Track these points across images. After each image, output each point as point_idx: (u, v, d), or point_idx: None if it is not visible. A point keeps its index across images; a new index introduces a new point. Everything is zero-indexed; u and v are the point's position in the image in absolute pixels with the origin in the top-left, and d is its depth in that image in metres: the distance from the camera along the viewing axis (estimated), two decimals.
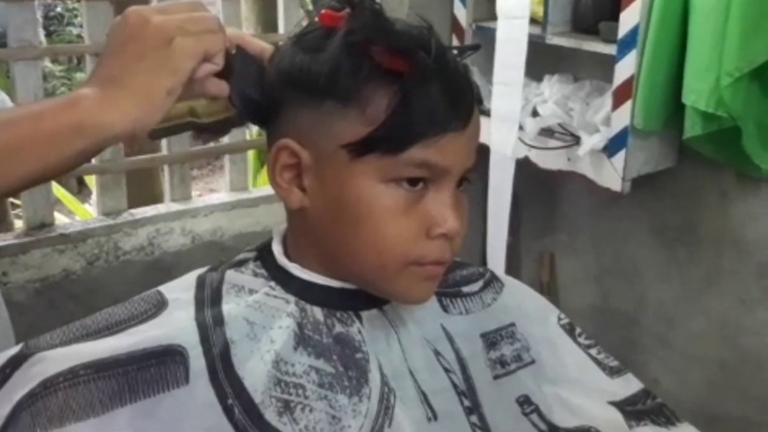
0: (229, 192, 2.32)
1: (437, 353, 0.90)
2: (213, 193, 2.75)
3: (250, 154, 2.53)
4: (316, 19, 0.84)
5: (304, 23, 0.86)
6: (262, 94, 0.84)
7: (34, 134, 0.73)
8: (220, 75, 0.82)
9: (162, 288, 0.90)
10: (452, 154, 0.80)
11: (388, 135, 0.78)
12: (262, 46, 0.88)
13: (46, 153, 0.74)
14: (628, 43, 1.97)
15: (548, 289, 2.55)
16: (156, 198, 2.43)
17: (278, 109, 0.83)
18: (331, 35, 0.80)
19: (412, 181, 0.80)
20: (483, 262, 2.18)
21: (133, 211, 2.13)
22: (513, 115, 2.12)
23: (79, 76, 5.84)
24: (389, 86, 0.78)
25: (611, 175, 2.06)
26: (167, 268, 2.05)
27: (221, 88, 0.82)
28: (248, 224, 2.24)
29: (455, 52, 0.85)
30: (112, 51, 0.77)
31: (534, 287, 1.09)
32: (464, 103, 0.81)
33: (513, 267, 2.52)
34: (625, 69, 1.99)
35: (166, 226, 2.12)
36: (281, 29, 2.34)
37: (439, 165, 0.80)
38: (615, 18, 2.00)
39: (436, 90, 0.78)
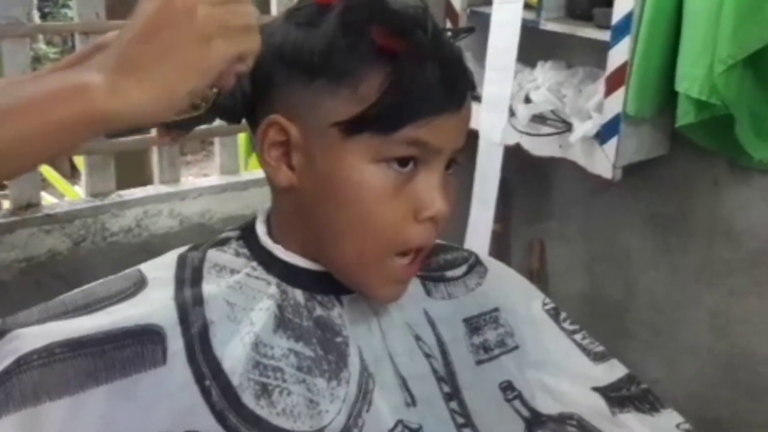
0: (220, 175, 2.31)
1: (418, 338, 0.90)
2: (205, 177, 2.75)
3: (241, 137, 2.51)
4: None
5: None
6: (243, 96, 0.82)
7: (41, 127, 0.65)
8: None
9: (142, 266, 0.89)
10: (444, 134, 0.80)
11: (382, 113, 0.77)
12: None
13: (52, 145, 0.67)
14: (621, 30, 1.95)
15: (538, 277, 2.54)
16: (146, 181, 2.41)
17: (267, 85, 0.82)
18: (324, 11, 0.79)
19: (402, 162, 0.79)
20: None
21: (121, 192, 2.12)
22: (503, 101, 2.11)
23: None
24: (383, 65, 0.77)
25: (603, 163, 2.05)
26: (155, 250, 2.01)
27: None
28: (238, 207, 2.23)
29: (450, 34, 0.84)
30: (141, 34, 0.67)
31: (524, 274, 1.09)
32: (459, 85, 0.81)
33: (503, 254, 2.51)
34: (618, 55, 1.98)
35: (155, 208, 2.11)
36: (274, 11, 2.32)
37: (431, 144, 0.79)
38: (609, 4, 1.98)
39: (432, 70, 0.78)
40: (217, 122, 2.38)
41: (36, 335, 0.78)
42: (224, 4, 0.69)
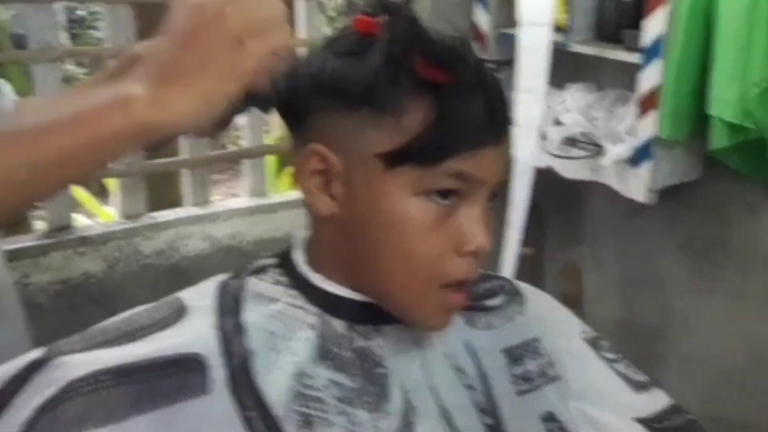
0: (249, 197, 2.32)
1: (458, 369, 0.89)
2: (233, 197, 2.75)
3: (269, 159, 2.52)
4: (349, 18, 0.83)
5: (326, 29, 0.85)
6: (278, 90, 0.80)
7: (89, 140, 0.66)
8: None
9: (181, 294, 0.89)
10: (487, 166, 0.80)
11: (425, 146, 0.76)
12: None
13: (98, 156, 0.68)
14: (652, 52, 1.95)
15: (573, 302, 2.53)
16: (175, 202, 2.43)
17: (305, 113, 0.82)
18: (365, 41, 0.79)
19: (444, 194, 0.79)
20: (495, 270, 2.16)
21: (153, 214, 2.13)
22: (533, 122, 2.10)
23: None
24: (426, 96, 0.77)
25: (636, 186, 2.04)
26: (186, 272, 2.05)
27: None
28: (267, 229, 2.24)
29: (490, 65, 0.84)
30: (177, 43, 0.69)
31: (558, 299, 1.08)
32: (501, 117, 0.81)
33: (536, 278, 2.50)
34: (649, 78, 1.97)
35: (186, 230, 2.12)
36: (301, 35, 2.33)
37: (474, 177, 0.79)
38: (638, 26, 1.98)
39: (475, 102, 0.78)
40: (245, 143, 2.40)
41: (81, 363, 0.78)
42: (250, 5, 0.70)
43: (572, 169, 2.17)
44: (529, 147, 2.12)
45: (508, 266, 2.14)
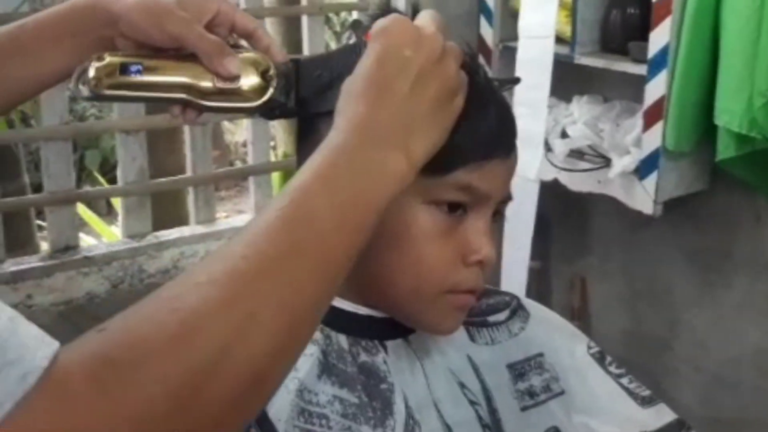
0: (254, 214, 2.31)
1: (462, 385, 0.88)
2: (240, 214, 2.74)
3: (275, 176, 2.51)
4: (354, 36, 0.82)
5: (332, 43, 0.84)
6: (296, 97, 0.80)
7: (374, 217, 0.65)
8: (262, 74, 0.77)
9: None
10: (494, 180, 0.80)
11: (436, 155, 0.75)
12: (269, 41, 0.83)
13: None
14: (658, 63, 1.94)
15: (579, 314, 2.51)
16: (181, 220, 2.42)
17: (315, 123, 0.81)
18: None
19: (452, 206, 0.79)
20: (498, 286, 2.14)
21: (157, 233, 2.13)
22: (537, 137, 2.09)
23: None
24: None
25: (643, 198, 2.03)
26: None
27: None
28: None
29: (496, 83, 0.85)
30: (407, 89, 0.68)
31: (565, 312, 1.07)
32: (509, 131, 0.82)
33: (543, 291, 2.50)
34: (655, 89, 1.96)
35: (191, 249, 2.12)
36: (306, 50, 2.33)
37: (482, 190, 0.79)
38: (644, 38, 1.98)
39: (485, 115, 0.79)
40: (251, 161, 2.39)
41: None
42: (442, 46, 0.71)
43: (579, 182, 2.16)
44: (534, 164, 2.09)
45: (517, 286, 2.11)
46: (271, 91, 0.77)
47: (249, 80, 0.76)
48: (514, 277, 2.15)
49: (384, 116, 0.68)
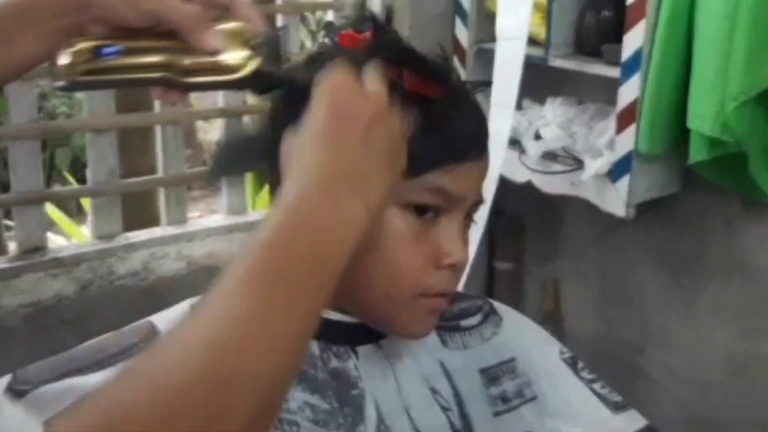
0: (227, 215, 2.30)
1: (434, 390, 0.88)
2: (213, 214, 2.72)
3: (248, 176, 2.49)
4: (327, 39, 0.82)
5: (307, 42, 0.83)
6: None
7: (338, 270, 0.64)
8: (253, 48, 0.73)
9: (154, 318, 0.87)
10: (466, 183, 0.81)
11: (410, 158, 0.75)
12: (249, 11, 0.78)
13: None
14: (632, 66, 1.95)
15: (552, 317, 2.51)
16: (153, 220, 2.40)
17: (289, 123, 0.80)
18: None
19: (423, 209, 0.79)
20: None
21: (127, 234, 2.11)
22: (502, 136, 2.07)
23: (80, 95, 5.79)
24: (410, 109, 0.76)
25: (615, 201, 2.03)
26: (162, 293, 2.02)
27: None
28: None
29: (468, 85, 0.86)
30: (359, 141, 0.67)
31: (538, 315, 1.07)
32: (481, 133, 0.83)
33: (516, 294, 2.50)
34: (629, 92, 1.97)
35: (162, 250, 2.10)
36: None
37: (453, 193, 0.79)
38: (618, 40, 1.98)
39: (458, 117, 0.79)
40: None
41: (54, 395, 0.75)
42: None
43: (552, 184, 2.16)
44: (495, 163, 2.08)
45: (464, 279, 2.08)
46: (258, 60, 0.72)
47: (233, 52, 0.72)
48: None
49: (341, 165, 0.66)
